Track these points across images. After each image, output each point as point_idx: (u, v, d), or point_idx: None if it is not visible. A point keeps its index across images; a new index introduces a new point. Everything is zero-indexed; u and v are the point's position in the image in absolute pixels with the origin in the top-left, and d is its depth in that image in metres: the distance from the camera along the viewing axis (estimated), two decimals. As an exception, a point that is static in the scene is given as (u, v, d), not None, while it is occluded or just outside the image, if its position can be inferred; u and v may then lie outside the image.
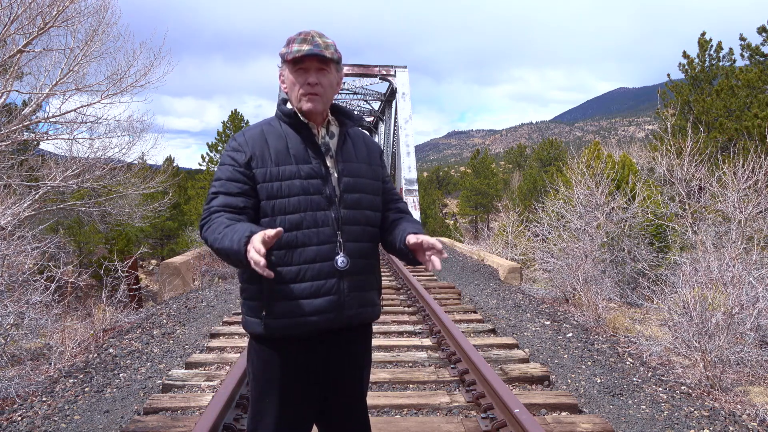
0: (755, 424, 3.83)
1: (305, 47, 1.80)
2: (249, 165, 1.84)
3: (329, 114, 1.96)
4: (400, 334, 5.95)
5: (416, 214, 25.91)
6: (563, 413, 3.79)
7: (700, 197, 11.45)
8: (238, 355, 5.03)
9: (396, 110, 31.61)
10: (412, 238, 1.83)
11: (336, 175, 1.90)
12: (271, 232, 1.59)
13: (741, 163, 10.17)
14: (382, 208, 2.05)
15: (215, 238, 1.72)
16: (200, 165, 37.14)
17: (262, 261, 1.53)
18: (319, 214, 1.85)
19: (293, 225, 1.83)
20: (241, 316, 2.05)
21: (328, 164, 1.91)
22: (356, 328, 2.01)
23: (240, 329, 6.07)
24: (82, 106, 12.21)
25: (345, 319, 1.91)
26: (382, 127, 36.84)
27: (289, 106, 1.94)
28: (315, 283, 1.84)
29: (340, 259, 1.85)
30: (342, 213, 1.88)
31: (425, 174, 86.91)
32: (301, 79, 1.84)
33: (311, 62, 1.82)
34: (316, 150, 1.89)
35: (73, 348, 5.47)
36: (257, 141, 1.87)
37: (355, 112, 2.08)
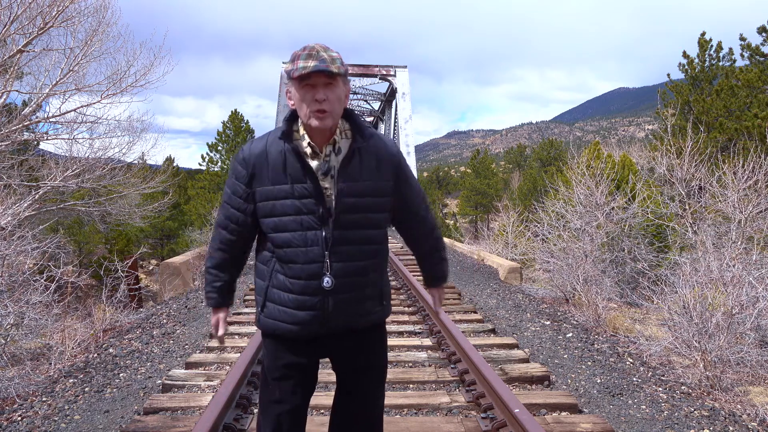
0: (755, 424, 3.83)
1: (311, 63, 1.77)
2: (250, 183, 1.91)
3: (339, 128, 1.92)
4: (400, 334, 5.95)
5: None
6: (563, 413, 3.79)
7: (700, 197, 11.45)
8: (238, 355, 5.03)
9: (396, 110, 31.61)
10: (435, 296, 2.38)
11: (335, 194, 1.88)
12: (221, 326, 2.11)
13: (741, 163, 10.17)
14: (400, 221, 2.11)
15: (206, 263, 2.10)
16: (200, 165, 37.13)
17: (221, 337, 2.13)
18: (310, 233, 1.86)
19: (284, 242, 1.89)
20: (241, 316, 2.18)
21: (326, 185, 1.88)
22: (358, 332, 2.03)
23: (240, 329, 6.08)
24: (82, 106, 12.21)
25: (329, 330, 1.96)
26: (382, 127, 36.85)
27: (298, 122, 1.93)
28: (300, 297, 1.90)
29: (326, 280, 1.87)
30: (334, 234, 1.87)
31: (425, 174, 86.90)
32: (309, 96, 1.81)
33: (318, 78, 1.80)
34: (310, 171, 1.88)
35: (73, 348, 5.47)
36: (259, 158, 1.91)
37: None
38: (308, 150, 1.89)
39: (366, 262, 1.94)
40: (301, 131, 1.91)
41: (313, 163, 1.89)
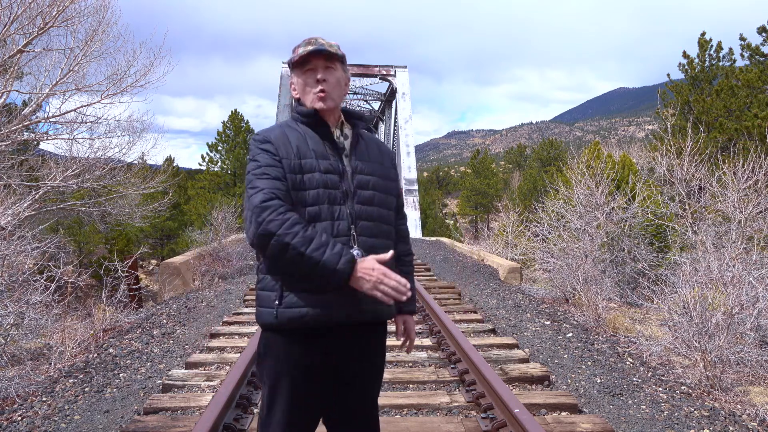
0: (755, 424, 3.83)
1: (310, 48, 1.90)
2: (278, 154, 1.89)
3: (342, 116, 2.03)
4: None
5: (416, 214, 25.92)
6: (563, 413, 3.79)
7: (700, 197, 11.45)
8: (238, 355, 5.03)
9: (396, 110, 31.63)
10: (399, 327, 2.19)
11: (350, 171, 1.96)
12: (385, 256, 1.77)
13: (741, 163, 10.18)
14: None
15: (302, 242, 1.71)
16: (200, 165, 37.15)
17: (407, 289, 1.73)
18: (335, 207, 1.90)
19: (312, 217, 1.87)
20: (241, 316, 2.08)
21: (344, 162, 1.97)
22: (369, 326, 2.01)
23: (240, 329, 6.08)
24: (82, 106, 12.21)
25: (359, 314, 1.90)
26: (382, 127, 36.85)
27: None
28: None
29: (356, 252, 1.85)
30: (356, 208, 1.92)
31: (425, 174, 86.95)
32: (311, 79, 1.94)
33: (317, 61, 1.92)
34: (333, 146, 1.96)
35: (73, 348, 5.47)
36: (279, 137, 1.93)
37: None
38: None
39: (383, 241, 1.99)
40: None
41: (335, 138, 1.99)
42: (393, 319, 2.19)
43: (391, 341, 5.41)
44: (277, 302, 1.89)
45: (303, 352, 1.93)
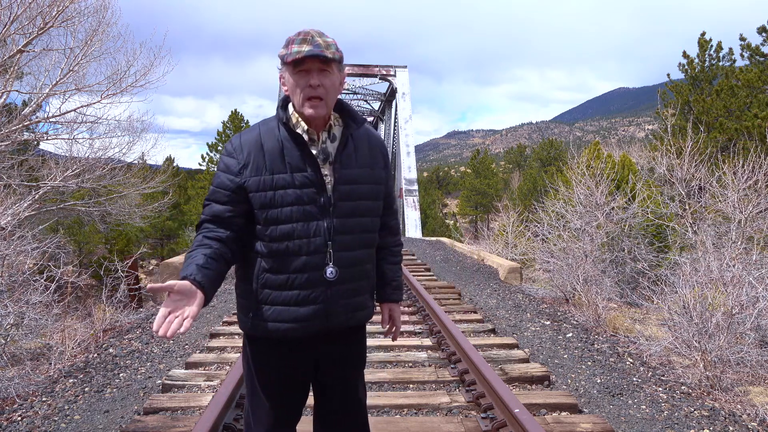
0: (755, 424, 3.83)
1: (305, 48, 1.74)
2: (241, 173, 1.81)
3: (332, 115, 1.90)
4: (400, 333, 5.95)
5: (416, 214, 25.93)
6: (563, 413, 3.79)
7: (700, 197, 11.45)
8: (238, 355, 5.03)
9: (396, 110, 31.64)
10: (385, 315, 2.18)
11: (333, 182, 1.85)
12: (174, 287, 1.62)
13: (741, 163, 10.18)
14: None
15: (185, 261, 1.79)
16: (200, 165, 37.25)
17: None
18: (312, 224, 1.82)
19: (284, 235, 1.81)
20: None
21: (326, 171, 1.85)
22: (348, 330, 2.00)
23: (240, 329, 6.08)
24: (82, 106, 12.24)
25: (331, 325, 1.90)
26: (382, 127, 36.86)
27: (290, 109, 1.89)
28: (302, 292, 1.84)
29: (329, 270, 1.83)
30: (335, 222, 1.84)
31: (425, 174, 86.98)
32: (303, 81, 1.78)
33: (312, 63, 1.76)
34: (311, 158, 1.84)
35: (73, 348, 5.47)
36: (253, 147, 1.83)
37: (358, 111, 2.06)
38: (305, 137, 1.85)
39: (362, 252, 1.92)
40: (296, 118, 1.87)
41: (312, 150, 1.85)
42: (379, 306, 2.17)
43: (389, 341, 5.41)
44: (251, 314, 1.91)
45: (279, 361, 1.95)
